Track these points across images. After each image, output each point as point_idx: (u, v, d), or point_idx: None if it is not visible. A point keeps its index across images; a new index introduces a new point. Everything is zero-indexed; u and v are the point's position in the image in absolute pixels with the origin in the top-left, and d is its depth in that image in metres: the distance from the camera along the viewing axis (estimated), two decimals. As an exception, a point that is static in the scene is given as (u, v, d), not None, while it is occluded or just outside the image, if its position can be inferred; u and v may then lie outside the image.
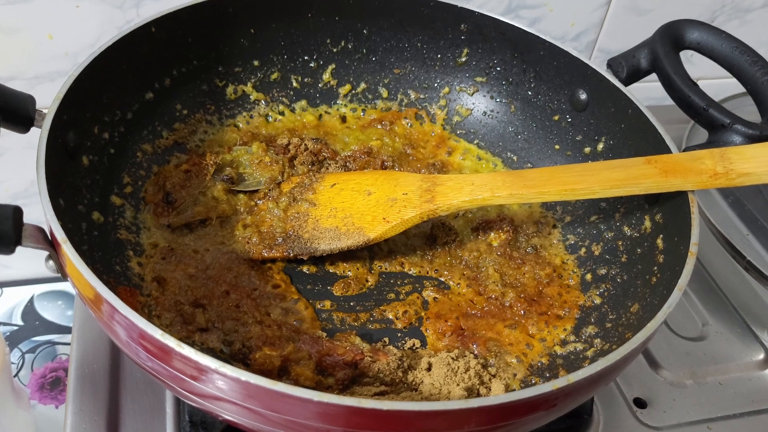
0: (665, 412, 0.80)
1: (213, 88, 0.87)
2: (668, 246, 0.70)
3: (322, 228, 0.75)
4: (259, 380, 0.47)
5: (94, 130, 0.73)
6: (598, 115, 0.83)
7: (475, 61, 0.91)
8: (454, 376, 0.64)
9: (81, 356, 0.78)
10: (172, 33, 0.79)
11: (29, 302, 1.15)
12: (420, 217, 0.73)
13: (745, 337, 0.90)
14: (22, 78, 0.94)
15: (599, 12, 1.13)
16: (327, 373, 0.65)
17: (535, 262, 0.79)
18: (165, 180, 0.78)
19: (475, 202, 0.72)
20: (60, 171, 0.64)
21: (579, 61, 0.83)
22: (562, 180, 0.70)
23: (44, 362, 1.08)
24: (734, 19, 1.22)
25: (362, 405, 0.47)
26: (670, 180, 0.68)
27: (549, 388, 0.50)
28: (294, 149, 0.84)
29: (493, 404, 0.49)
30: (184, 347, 0.49)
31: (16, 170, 1.03)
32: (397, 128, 0.92)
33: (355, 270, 0.77)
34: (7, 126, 0.64)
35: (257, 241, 0.75)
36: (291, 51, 0.89)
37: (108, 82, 0.73)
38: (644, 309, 0.67)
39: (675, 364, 0.85)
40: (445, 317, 0.73)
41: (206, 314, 0.68)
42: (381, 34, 0.90)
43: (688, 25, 0.80)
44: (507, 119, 0.91)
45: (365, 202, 0.76)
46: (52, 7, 0.89)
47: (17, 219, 0.56)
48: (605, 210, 0.81)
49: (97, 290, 0.52)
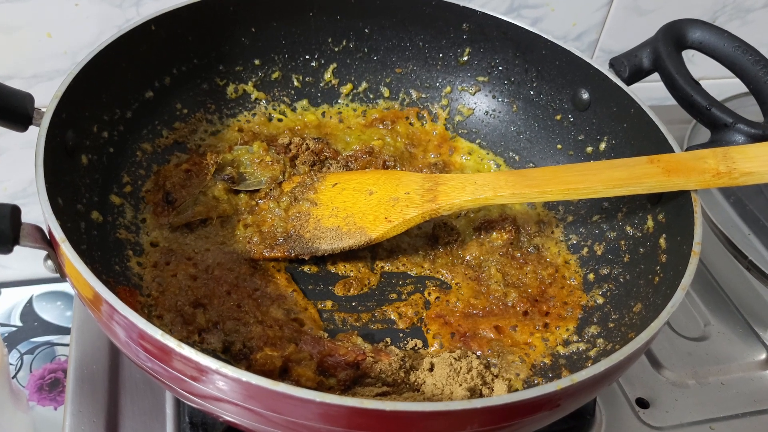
0: (668, 413, 0.80)
1: (213, 87, 0.86)
2: (671, 245, 0.69)
3: (324, 228, 0.75)
4: (260, 381, 0.47)
5: (93, 129, 0.72)
6: (600, 114, 0.83)
7: (477, 60, 0.90)
8: (457, 376, 0.64)
9: (80, 357, 0.78)
10: (172, 31, 0.79)
11: (28, 303, 1.15)
12: (422, 217, 0.73)
13: (747, 337, 0.90)
14: (20, 77, 0.94)
15: (601, 12, 1.13)
16: (329, 374, 0.65)
17: (538, 262, 0.79)
18: (165, 179, 0.77)
19: (478, 202, 0.72)
20: (59, 170, 0.63)
21: (581, 61, 0.82)
22: (565, 179, 0.70)
23: (43, 363, 1.07)
24: (735, 19, 1.22)
25: (365, 406, 0.46)
26: (672, 179, 0.67)
27: (552, 388, 0.50)
28: (295, 149, 0.84)
29: (497, 405, 0.49)
30: (185, 348, 0.48)
31: (14, 169, 1.03)
32: (399, 128, 0.91)
33: (356, 270, 0.76)
34: (6, 124, 0.64)
35: (258, 241, 0.75)
36: (292, 50, 0.89)
37: (107, 81, 0.73)
38: (647, 309, 0.67)
39: (677, 364, 0.85)
40: (448, 317, 0.73)
41: (207, 314, 0.67)
42: (383, 33, 0.90)
43: (690, 24, 0.79)
44: (509, 119, 0.91)
45: (367, 201, 0.76)
46: (51, 5, 0.89)
47: (15, 218, 0.55)
48: (607, 209, 0.80)
49: (96, 290, 0.51)
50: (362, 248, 0.74)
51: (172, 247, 0.73)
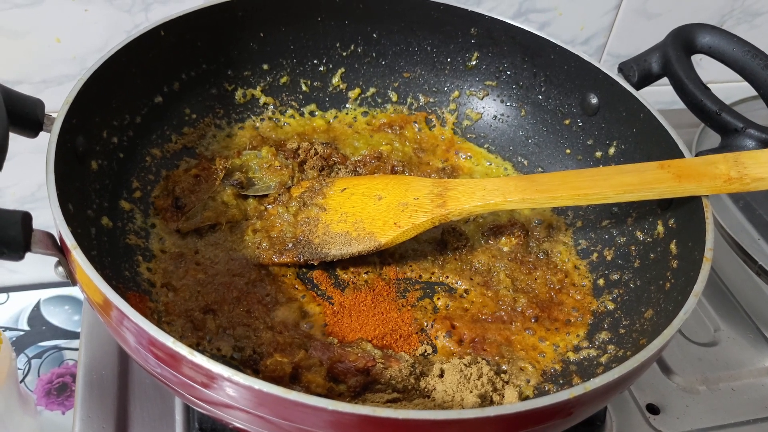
0: (678, 419, 0.80)
1: (222, 92, 0.86)
2: (682, 251, 0.69)
3: (333, 233, 0.75)
4: (272, 389, 0.47)
5: (103, 135, 0.72)
6: (609, 119, 0.83)
7: (485, 64, 0.90)
8: (467, 382, 0.64)
9: (89, 362, 0.78)
10: (181, 37, 0.79)
11: (36, 307, 1.15)
12: (431, 222, 0.73)
13: (757, 342, 0.90)
14: (29, 82, 0.94)
15: (609, 16, 1.12)
16: (339, 380, 0.64)
17: (547, 267, 0.79)
18: (174, 185, 0.77)
19: (487, 207, 0.71)
20: (69, 176, 0.63)
21: (590, 65, 0.82)
22: (575, 185, 0.70)
23: (51, 368, 1.08)
24: (743, 23, 1.22)
25: (377, 414, 0.46)
26: (684, 185, 0.67)
27: (566, 396, 0.49)
28: (304, 153, 0.84)
29: (510, 413, 0.48)
30: (196, 355, 0.48)
31: (22, 174, 1.03)
32: (407, 132, 0.91)
33: (366, 276, 0.76)
34: (16, 130, 0.64)
35: (267, 246, 0.75)
36: (300, 55, 0.89)
37: (117, 86, 0.73)
38: (658, 315, 0.66)
39: (688, 369, 0.85)
40: (457, 323, 0.72)
41: (217, 320, 0.67)
42: (391, 37, 0.90)
43: (699, 29, 0.79)
44: (517, 123, 0.91)
45: (376, 206, 0.75)
46: (60, 10, 0.89)
47: (26, 225, 0.55)
48: (617, 215, 0.80)
49: (106, 296, 0.51)
50: (371, 254, 0.74)
51: (182, 253, 0.73)
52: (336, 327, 0.71)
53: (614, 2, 1.11)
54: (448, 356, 0.69)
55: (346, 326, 0.71)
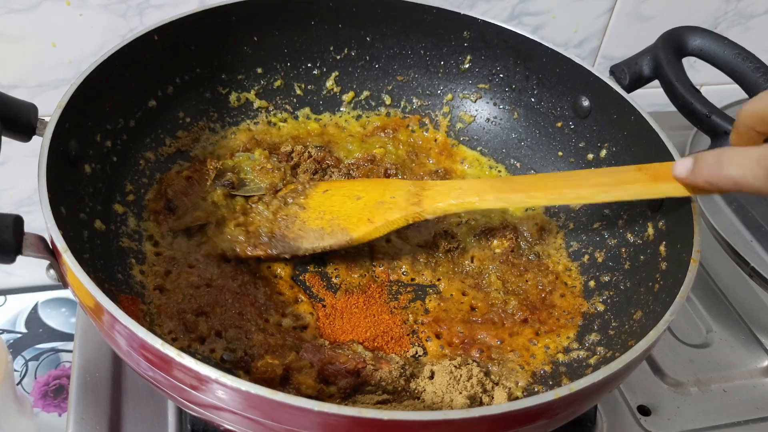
0: (669, 420, 0.80)
1: (216, 95, 0.87)
2: (671, 253, 0.69)
3: (308, 228, 0.75)
4: (259, 390, 0.47)
5: (96, 138, 0.73)
6: (600, 122, 0.83)
7: (478, 68, 0.91)
8: (457, 384, 0.64)
9: (83, 364, 0.78)
10: (174, 41, 0.79)
11: (33, 309, 1.15)
12: (405, 219, 0.73)
13: (749, 343, 0.90)
14: (25, 86, 0.94)
15: (602, 19, 1.13)
16: (329, 382, 0.65)
17: (538, 269, 0.79)
18: (167, 187, 0.78)
19: (462, 206, 0.72)
20: (62, 179, 0.64)
21: (582, 68, 0.83)
22: (550, 184, 0.70)
23: (48, 370, 1.08)
24: (737, 26, 1.22)
25: (363, 415, 0.47)
26: (659, 185, 0.66)
27: (551, 397, 0.50)
28: (297, 157, 0.84)
29: (495, 413, 0.49)
30: (184, 357, 0.49)
31: (19, 177, 1.04)
32: (401, 135, 0.92)
33: (358, 278, 0.76)
34: (10, 135, 0.64)
35: (243, 240, 0.75)
36: (294, 58, 0.90)
37: (111, 90, 0.73)
38: (647, 316, 0.67)
39: (679, 371, 0.85)
40: (447, 325, 0.73)
41: (209, 323, 0.68)
42: (384, 41, 0.90)
43: (690, 32, 0.80)
44: (510, 126, 0.91)
45: (353, 205, 0.76)
46: (55, 15, 0.89)
47: (18, 228, 0.56)
48: (608, 217, 0.81)
49: (97, 300, 0.52)
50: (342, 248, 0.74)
51: (174, 255, 0.74)
52: (328, 329, 0.71)
53: (608, 5, 1.11)
54: (439, 358, 0.70)
55: (337, 328, 0.72)
